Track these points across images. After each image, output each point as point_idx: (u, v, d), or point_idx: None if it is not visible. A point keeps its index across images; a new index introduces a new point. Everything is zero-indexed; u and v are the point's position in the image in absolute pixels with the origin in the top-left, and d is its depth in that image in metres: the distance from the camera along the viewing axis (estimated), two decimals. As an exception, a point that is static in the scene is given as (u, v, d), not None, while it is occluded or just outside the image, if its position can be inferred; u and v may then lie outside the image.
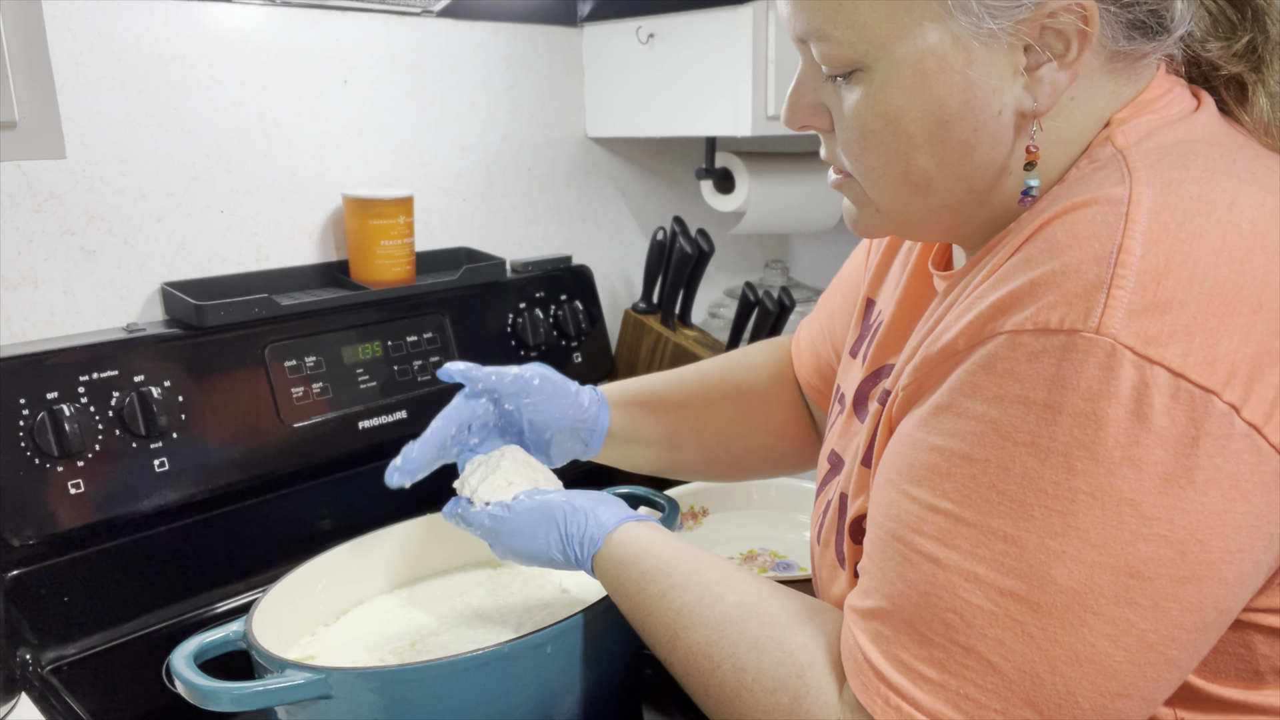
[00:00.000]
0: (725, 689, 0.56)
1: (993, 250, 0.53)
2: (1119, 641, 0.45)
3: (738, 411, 0.87)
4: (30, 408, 0.86)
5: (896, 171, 0.55)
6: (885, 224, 0.60)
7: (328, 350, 1.07)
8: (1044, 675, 0.46)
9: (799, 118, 0.59)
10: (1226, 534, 0.45)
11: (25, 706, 0.80)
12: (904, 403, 0.55)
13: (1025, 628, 0.46)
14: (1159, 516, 0.44)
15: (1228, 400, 0.43)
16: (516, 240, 1.37)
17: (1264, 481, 0.45)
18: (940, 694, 0.47)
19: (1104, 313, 0.44)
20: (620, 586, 0.65)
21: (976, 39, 0.50)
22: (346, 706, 0.66)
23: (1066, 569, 0.45)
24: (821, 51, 0.54)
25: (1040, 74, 0.51)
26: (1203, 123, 0.54)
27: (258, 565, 1.02)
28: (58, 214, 0.96)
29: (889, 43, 0.51)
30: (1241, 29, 0.57)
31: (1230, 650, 0.51)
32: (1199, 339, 0.43)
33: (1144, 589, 0.45)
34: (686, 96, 1.26)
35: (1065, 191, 0.51)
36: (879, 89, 0.53)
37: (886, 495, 0.53)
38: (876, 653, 0.50)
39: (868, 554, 0.54)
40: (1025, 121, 0.53)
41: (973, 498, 0.47)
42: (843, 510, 0.64)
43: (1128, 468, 0.44)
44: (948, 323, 0.52)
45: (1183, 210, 0.46)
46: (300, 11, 1.10)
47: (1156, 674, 0.46)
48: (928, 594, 0.48)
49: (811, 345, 0.87)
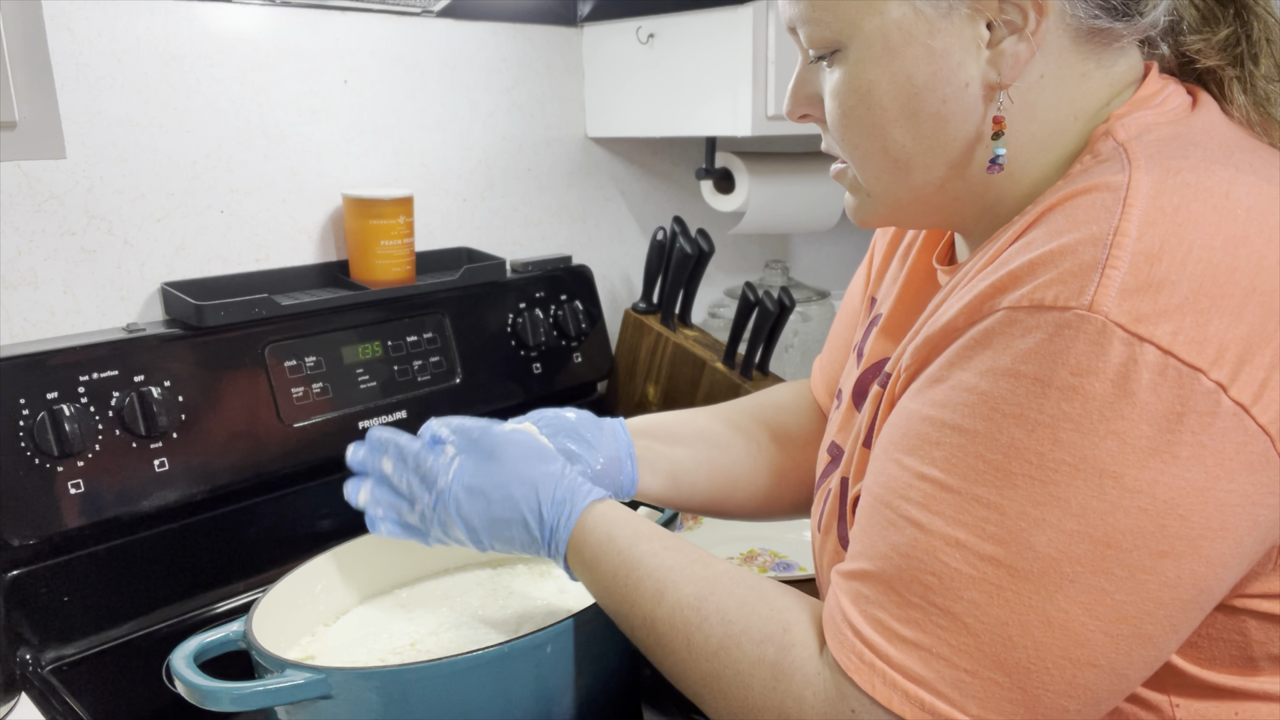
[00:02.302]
0: (711, 641, 0.57)
1: (995, 240, 0.55)
2: (1093, 610, 0.46)
3: (784, 454, 0.86)
4: (30, 408, 0.86)
5: (877, 148, 0.57)
6: (878, 209, 0.61)
7: (328, 350, 1.07)
8: (1016, 638, 0.46)
9: (798, 108, 0.62)
10: (1209, 511, 0.45)
11: (25, 706, 0.80)
12: (905, 382, 0.56)
13: (1001, 591, 0.47)
14: (1140, 490, 0.45)
15: (1214, 379, 0.44)
16: (516, 240, 1.37)
17: (1250, 461, 0.45)
18: (913, 652, 0.48)
19: (1097, 291, 0.45)
20: (610, 542, 0.65)
21: (935, 11, 0.53)
22: (346, 706, 0.66)
23: (1046, 536, 0.46)
24: (806, 34, 0.58)
25: (1002, 47, 0.53)
26: (1201, 117, 0.55)
27: (258, 565, 1.02)
28: (58, 214, 0.96)
29: (859, 19, 0.55)
30: (1223, 23, 0.58)
31: (1224, 637, 0.52)
32: (1190, 318, 0.44)
33: (1121, 560, 0.45)
34: (686, 96, 1.26)
35: (1068, 183, 0.52)
36: (854, 66, 0.56)
37: (879, 464, 0.54)
38: (855, 611, 0.51)
39: (857, 521, 0.55)
40: (994, 94, 0.55)
41: (959, 466, 0.48)
42: (843, 495, 0.65)
43: (1111, 440, 0.45)
44: (949, 304, 0.53)
45: (1179, 196, 0.47)
46: (300, 11, 1.10)
47: (1129, 648, 0.46)
48: (909, 556, 0.49)
49: (824, 373, 0.88)
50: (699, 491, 0.83)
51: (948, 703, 0.47)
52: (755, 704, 0.54)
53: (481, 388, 1.19)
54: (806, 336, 1.54)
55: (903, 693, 0.48)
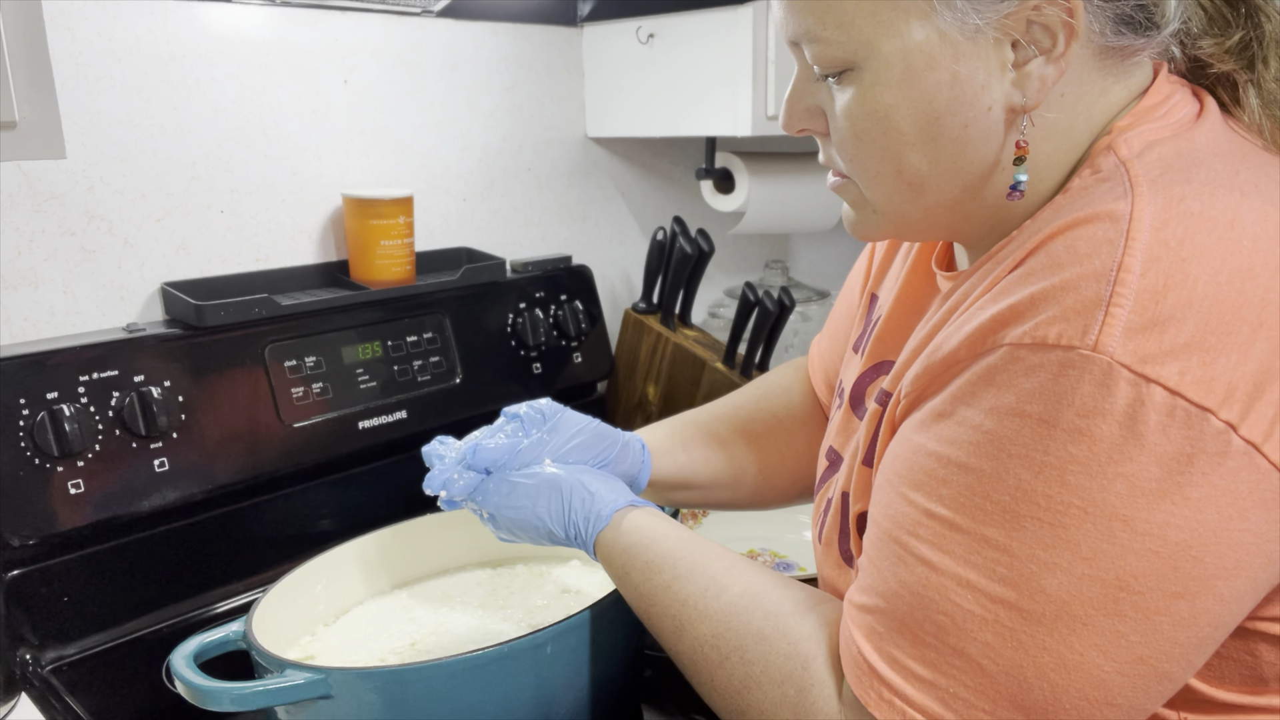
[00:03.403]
0: (733, 681, 0.57)
1: (995, 258, 0.54)
2: (1108, 652, 0.45)
3: (781, 441, 0.86)
4: (30, 408, 0.86)
5: (890, 170, 0.55)
6: (883, 225, 0.60)
7: (328, 350, 1.07)
8: (1031, 680, 0.46)
9: (796, 121, 0.60)
10: (1223, 551, 0.44)
11: (25, 706, 0.80)
12: (906, 409, 0.55)
13: (1014, 634, 0.46)
14: (1151, 532, 0.44)
15: (1224, 418, 0.43)
16: (516, 240, 1.37)
17: (1263, 499, 0.44)
18: (930, 691, 0.48)
19: (1101, 330, 0.44)
20: (625, 575, 0.66)
21: (962, 34, 0.51)
22: (346, 706, 0.66)
23: (1057, 579, 0.45)
24: (813, 53, 0.55)
25: (1028, 69, 0.51)
26: (1206, 131, 0.54)
27: (258, 565, 1.02)
28: (58, 214, 0.96)
29: (876, 41, 0.52)
30: (1235, 26, 0.57)
31: (1235, 656, 0.51)
32: (1197, 357, 0.43)
33: (1135, 602, 0.45)
34: (686, 96, 1.26)
35: (1069, 202, 0.51)
36: (869, 88, 0.53)
37: (885, 495, 0.53)
38: (870, 648, 0.51)
39: (866, 551, 0.54)
40: (1016, 118, 0.53)
41: (967, 505, 0.48)
42: (844, 510, 0.64)
43: (1120, 483, 0.44)
44: (949, 332, 0.52)
45: (1184, 227, 0.46)
46: (300, 11, 1.10)
47: (1146, 685, 0.46)
48: (920, 595, 0.49)
49: (821, 357, 0.87)
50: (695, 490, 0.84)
51: None
52: None
53: (481, 388, 1.19)
54: (806, 336, 1.54)
55: None
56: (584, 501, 0.69)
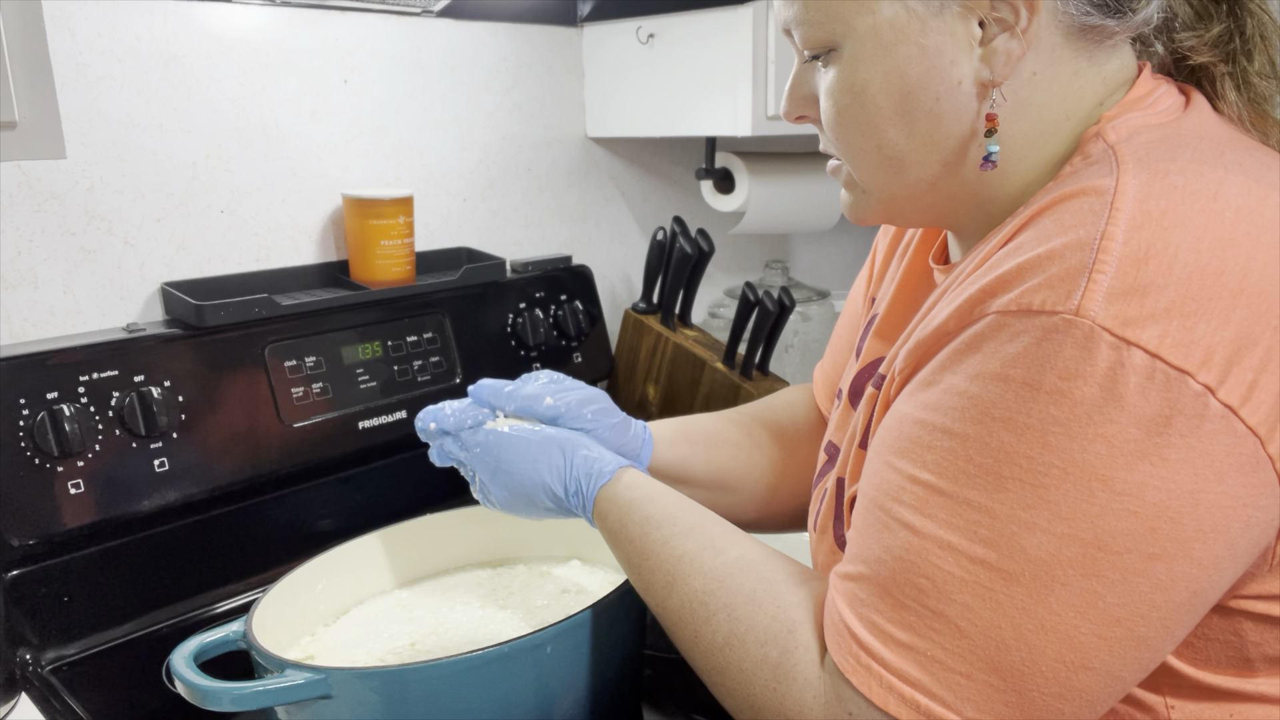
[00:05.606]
0: (718, 636, 0.58)
1: (986, 241, 0.55)
2: (1085, 613, 0.46)
3: (785, 450, 0.87)
4: (30, 408, 0.87)
5: (871, 146, 0.58)
6: (873, 206, 0.62)
7: (328, 350, 1.07)
8: (1009, 641, 0.46)
9: (795, 109, 0.63)
10: (1199, 513, 0.45)
11: (25, 706, 0.80)
12: (899, 385, 0.56)
13: (994, 595, 0.47)
14: (1129, 493, 0.45)
15: (1202, 381, 0.44)
16: (516, 240, 1.37)
17: (1240, 463, 0.45)
18: (908, 655, 0.48)
19: (1084, 295, 0.45)
20: (622, 529, 0.66)
21: (928, 10, 0.54)
22: (346, 706, 0.66)
23: (1036, 539, 0.46)
24: (801, 35, 0.58)
25: (995, 45, 0.54)
26: (1193, 118, 0.55)
27: (258, 565, 1.02)
28: (58, 214, 0.96)
29: (851, 18, 0.55)
30: (1216, 19, 0.58)
31: (1220, 638, 0.52)
32: (1177, 322, 0.44)
33: (1112, 563, 0.45)
34: (686, 96, 1.26)
35: (1058, 186, 0.52)
36: (847, 65, 0.56)
37: (873, 466, 0.54)
38: (851, 614, 0.51)
39: (853, 523, 0.55)
40: (987, 92, 0.55)
41: (950, 469, 0.49)
42: (839, 495, 0.65)
43: (1100, 444, 0.45)
44: (940, 308, 0.53)
45: (1166, 199, 0.47)
46: (300, 11, 1.10)
47: (1123, 650, 0.47)
48: (902, 559, 0.49)
49: (824, 374, 0.88)
50: (698, 489, 0.83)
51: (943, 705, 0.47)
52: (757, 702, 0.55)
53: (481, 388, 1.19)
54: (806, 336, 1.54)
55: (899, 695, 0.48)
56: (586, 459, 0.70)
